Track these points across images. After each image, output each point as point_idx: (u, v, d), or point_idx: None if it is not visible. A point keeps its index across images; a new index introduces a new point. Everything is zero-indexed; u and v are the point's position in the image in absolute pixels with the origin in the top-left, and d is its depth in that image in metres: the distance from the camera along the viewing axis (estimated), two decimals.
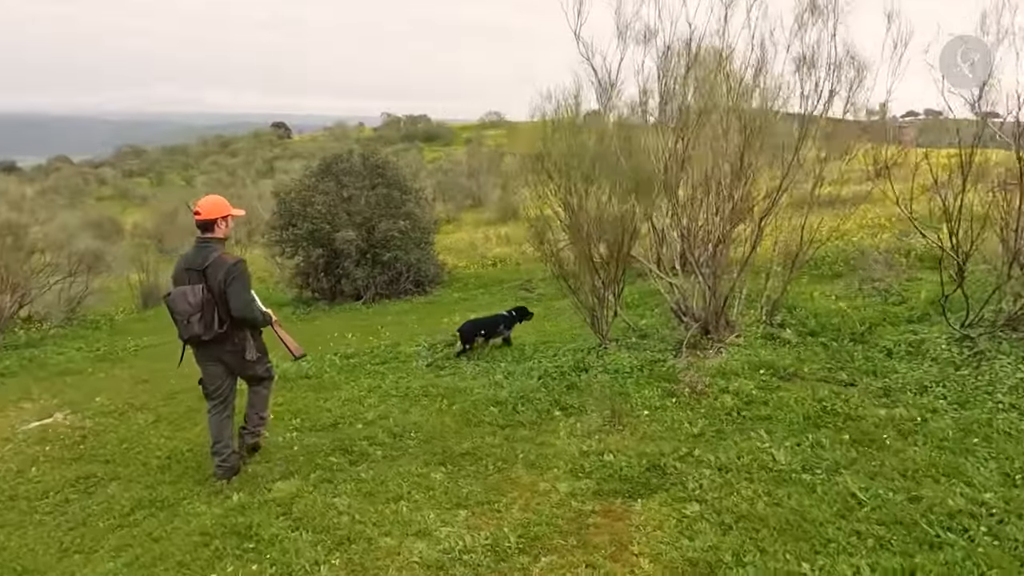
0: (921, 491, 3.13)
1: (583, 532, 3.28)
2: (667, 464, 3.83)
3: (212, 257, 4.25)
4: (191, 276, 4.27)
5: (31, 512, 4.35)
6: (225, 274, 4.20)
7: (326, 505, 3.81)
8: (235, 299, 4.22)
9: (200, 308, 4.17)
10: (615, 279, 5.89)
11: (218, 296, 4.22)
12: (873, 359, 5.10)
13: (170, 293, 4.28)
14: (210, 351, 4.38)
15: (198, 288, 4.19)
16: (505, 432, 4.71)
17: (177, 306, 4.20)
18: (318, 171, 12.00)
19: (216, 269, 4.22)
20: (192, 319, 4.18)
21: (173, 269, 4.50)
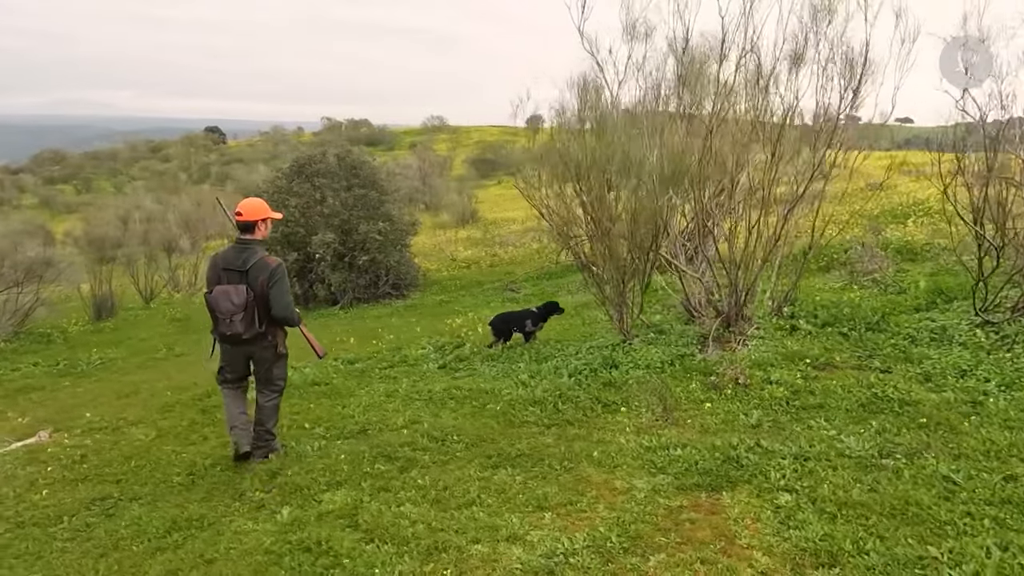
0: (1015, 470, 3.19)
1: (682, 528, 3.19)
2: (740, 456, 3.79)
3: (254, 259, 4.34)
4: (231, 276, 4.35)
5: (49, 540, 3.96)
6: (269, 276, 4.33)
7: (394, 515, 3.60)
8: (277, 301, 4.35)
9: (243, 308, 4.27)
10: (642, 275, 5.85)
11: (260, 297, 4.31)
12: (899, 346, 5.22)
13: (211, 292, 4.36)
14: (243, 348, 4.48)
15: (242, 288, 4.28)
16: (553, 431, 4.60)
17: (220, 305, 4.30)
18: (290, 172, 11.57)
19: (259, 271, 4.32)
20: (234, 318, 4.28)
21: (208, 268, 4.56)
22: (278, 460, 4.64)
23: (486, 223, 23.49)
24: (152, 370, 8.74)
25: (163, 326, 12.21)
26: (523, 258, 14.87)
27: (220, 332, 4.40)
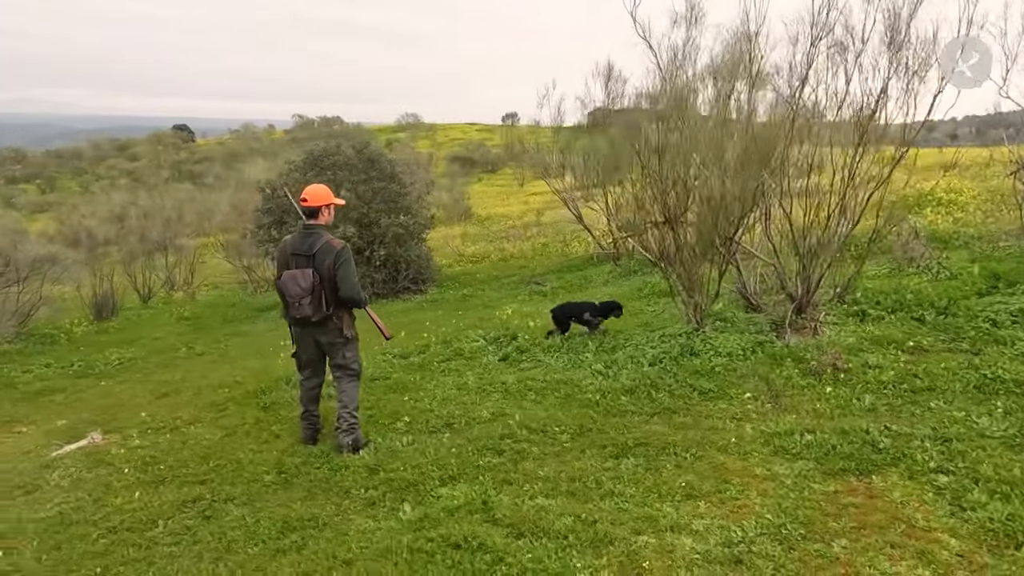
0: None
1: (850, 513, 3.11)
2: (876, 439, 3.73)
3: (320, 243, 4.46)
4: (298, 261, 4.49)
5: (150, 544, 3.72)
6: (335, 258, 4.44)
7: (533, 508, 3.45)
8: (344, 281, 4.46)
9: (311, 291, 4.40)
10: (723, 263, 5.77)
11: (326, 279, 4.43)
12: (982, 329, 5.23)
13: (280, 276, 4.52)
14: (312, 331, 4.61)
15: (308, 272, 4.41)
16: (658, 420, 4.49)
17: (288, 289, 4.43)
18: (304, 164, 11.26)
19: (325, 254, 4.43)
20: (303, 302, 4.41)
21: (277, 254, 4.76)
22: (371, 456, 4.46)
23: (480, 219, 23.35)
24: (178, 369, 8.41)
25: (172, 325, 11.81)
26: (532, 252, 14.75)
27: (291, 316, 4.55)
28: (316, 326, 4.56)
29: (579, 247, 13.39)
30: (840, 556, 2.80)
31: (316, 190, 4.65)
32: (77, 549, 3.74)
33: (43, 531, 4.04)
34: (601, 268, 10.93)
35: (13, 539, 3.99)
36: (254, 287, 14.25)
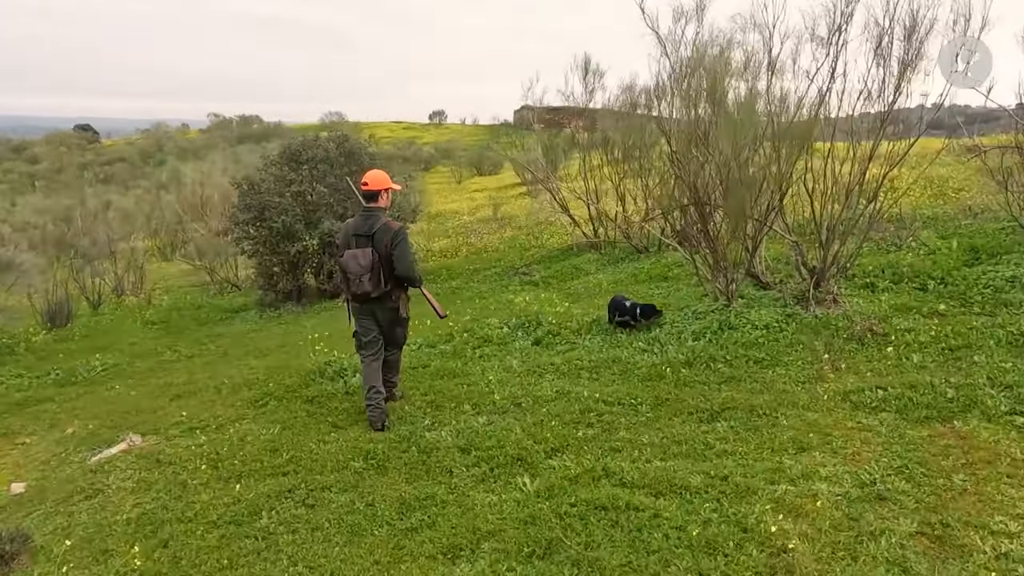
0: None
1: (954, 452, 3.45)
2: (942, 390, 4.12)
3: (378, 224, 4.78)
4: (359, 241, 4.79)
5: (265, 535, 3.67)
6: (392, 238, 4.75)
7: (658, 469, 3.63)
8: (400, 260, 4.76)
9: (370, 269, 4.70)
10: (756, 242, 6.09)
11: (384, 258, 4.72)
12: (985, 294, 5.77)
13: (342, 255, 4.80)
14: (371, 307, 4.90)
15: (368, 251, 4.72)
16: (727, 388, 4.75)
17: (350, 267, 4.74)
18: (282, 159, 10.97)
19: (383, 234, 4.75)
20: (363, 278, 4.71)
21: (340, 235, 5.05)
22: (453, 438, 4.51)
23: (431, 216, 23.24)
24: (175, 372, 8.06)
25: (141, 330, 11.24)
26: (503, 245, 14.87)
27: (352, 292, 4.82)
28: (375, 302, 4.85)
29: (551, 238, 13.61)
30: (967, 487, 3.12)
31: (376, 175, 4.96)
32: (188, 545, 3.64)
33: (134, 532, 3.90)
34: (584, 257, 11.18)
35: (105, 542, 3.83)
36: (217, 288, 13.72)
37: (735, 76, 5.84)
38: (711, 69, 5.72)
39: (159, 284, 16.05)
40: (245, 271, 14.72)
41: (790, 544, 2.79)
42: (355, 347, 5.11)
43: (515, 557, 3.11)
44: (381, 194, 4.90)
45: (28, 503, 4.65)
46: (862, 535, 2.82)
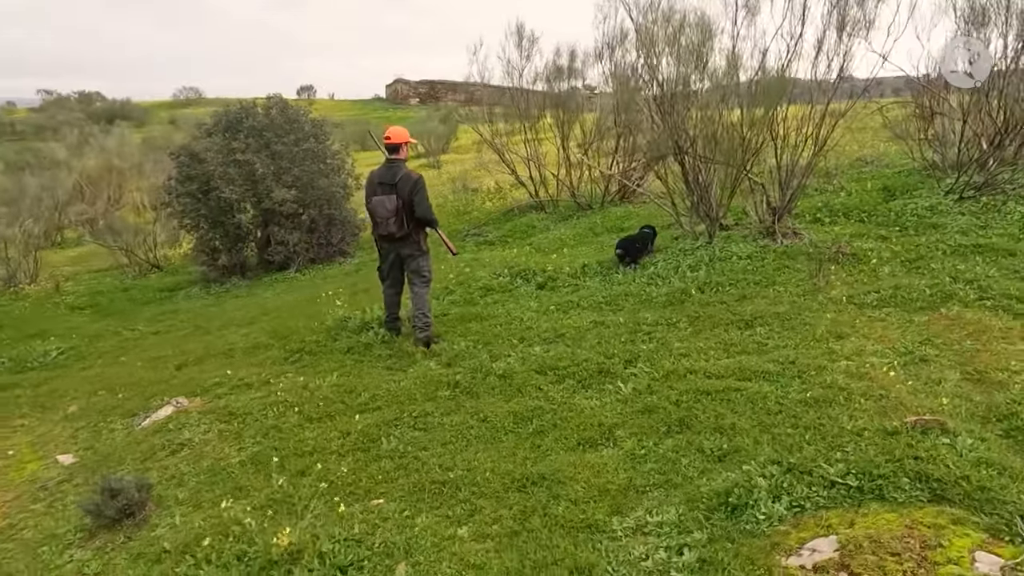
0: None
1: (955, 328, 4.40)
2: (921, 288, 5.11)
3: (400, 173, 5.43)
4: (384, 189, 5.43)
5: (396, 455, 3.97)
6: (412, 186, 5.39)
7: (732, 364, 4.31)
8: (419, 205, 5.42)
9: (395, 212, 5.37)
10: (736, 185, 6.91)
11: (407, 203, 5.38)
12: (913, 221, 6.96)
13: (369, 201, 5.48)
14: (395, 246, 5.61)
15: (392, 198, 5.37)
16: (746, 303, 5.52)
17: (378, 212, 5.42)
18: (222, 128, 10.56)
19: (405, 183, 5.40)
20: (389, 221, 5.40)
21: (365, 184, 5.70)
22: (521, 365, 4.96)
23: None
24: (152, 347, 7.76)
25: (71, 315, 10.48)
26: None
27: (379, 233, 5.54)
28: (399, 241, 5.54)
29: (485, 203, 14.02)
30: (978, 348, 4.06)
31: (398, 130, 5.63)
32: (328, 471, 3.87)
33: (258, 470, 4.05)
34: (530, 217, 11.68)
35: (231, 482, 3.96)
36: (137, 270, 12.90)
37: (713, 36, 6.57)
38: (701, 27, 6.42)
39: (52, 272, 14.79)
40: (165, 251, 13.95)
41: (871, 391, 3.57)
42: (379, 279, 5.95)
43: (653, 436, 3.67)
44: (402, 147, 5.53)
45: (100, 467, 4.57)
46: (929, 381, 3.65)
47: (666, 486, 3.18)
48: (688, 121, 6.84)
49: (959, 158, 7.57)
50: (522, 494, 3.34)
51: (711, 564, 2.54)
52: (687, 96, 6.86)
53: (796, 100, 6.96)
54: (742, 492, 2.87)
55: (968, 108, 7.37)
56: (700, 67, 6.51)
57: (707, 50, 6.50)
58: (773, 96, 6.43)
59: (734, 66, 6.47)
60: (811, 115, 6.80)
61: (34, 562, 3.57)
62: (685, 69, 6.66)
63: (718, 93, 6.49)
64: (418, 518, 3.27)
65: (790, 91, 6.57)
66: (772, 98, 6.44)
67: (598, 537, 2.90)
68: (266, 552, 3.04)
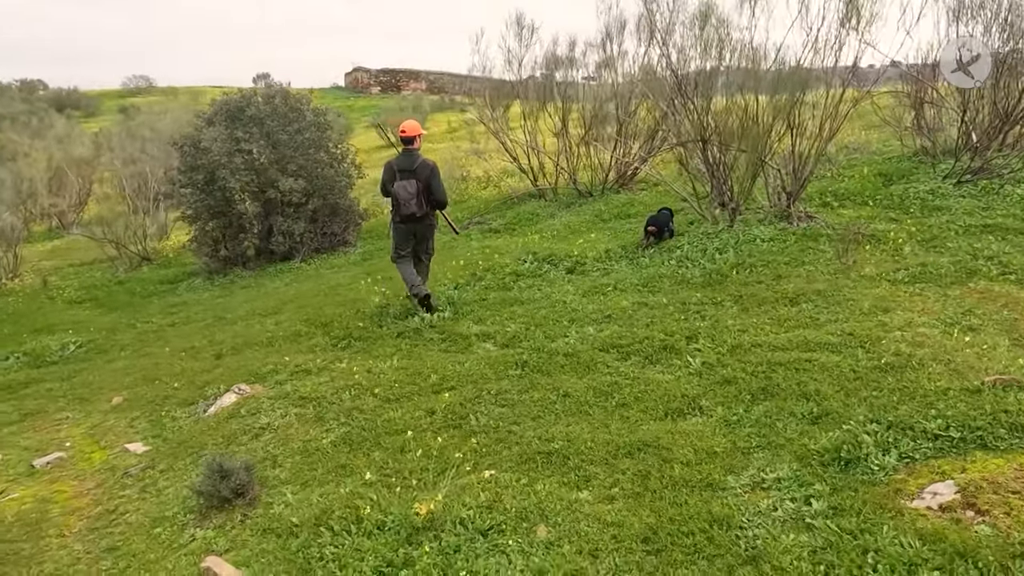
0: None
1: (988, 298, 4.79)
2: (944, 267, 5.51)
3: (418, 161, 6.20)
4: (403, 175, 6.17)
5: (488, 430, 4.16)
6: (430, 172, 6.18)
7: (797, 336, 4.61)
8: (436, 188, 6.22)
9: (416, 195, 6.12)
10: (756, 171, 7.23)
11: (424, 187, 6.13)
12: (917, 205, 7.43)
13: (393, 186, 6.18)
14: (413, 225, 6.33)
15: (412, 182, 6.12)
16: (784, 282, 5.84)
17: (400, 195, 6.14)
18: (218, 117, 10.45)
19: (423, 169, 6.17)
20: (411, 203, 6.13)
21: (384, 171, 6.38)
22: (581, 343, 5.19)
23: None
24: (176, 339, 7.72)
25: (73, 309, 10.28)
26: None
27: (401, 214, 6.23)
28: (417, 221, 6.28)
29: (482, 191, 14.15)
30: (1015, 317, 4.45)
31: (411, 124, 6.37)
32: (426, 445, 4.03)
33: (353, 449, 4.20)
34: (531, 204, 11.88)
35: (330, 460, 4.09)
36: (128, 263, 12.64)
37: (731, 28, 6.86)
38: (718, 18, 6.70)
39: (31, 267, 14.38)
40: (154, 243, 13.68)
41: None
42: (391, 257, 6.57)
43: (740, 404, 3.94)
44: (416, 139, 6.25)
45: (179, 453, 4.63)
46: (985, 346, 4.01)
47: (769, 447, 3.46)
48: (710, 111, 7.12)
49: (957, 144, 8.06)
50: (631, 460, 3.57)
51: (842, 510, 2.81)
52: (709, 86, 7.15)
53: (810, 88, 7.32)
54: (851, 447, 3.16)
55: (968, 98, 7.85)
56: (722, 57, 6.79)
57: (728, 41, 6.77)
58: (794, 86, 6.76)
59: (754, 58, 6.77)
60: (826, 103, 7.18)
61: (153, 543, 3.65)
62: (705, 60, 6.93)
63: (740, 82, 6.79)
64: (536, 485, 3.47)
65: (809, 81, 6.91)
66: (793, 88, 6.77)
67: (721, 494, 3.16)
68: (406, 520, 3.20)
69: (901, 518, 2.68)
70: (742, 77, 6.81)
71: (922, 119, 9.04)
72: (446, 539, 3.07)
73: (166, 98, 52.86)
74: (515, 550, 2.97)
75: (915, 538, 2.54)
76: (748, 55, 6.84)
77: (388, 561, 2.97)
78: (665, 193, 10.56)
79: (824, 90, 7.19)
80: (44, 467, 4.92)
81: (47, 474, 4.81)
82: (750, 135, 6.81)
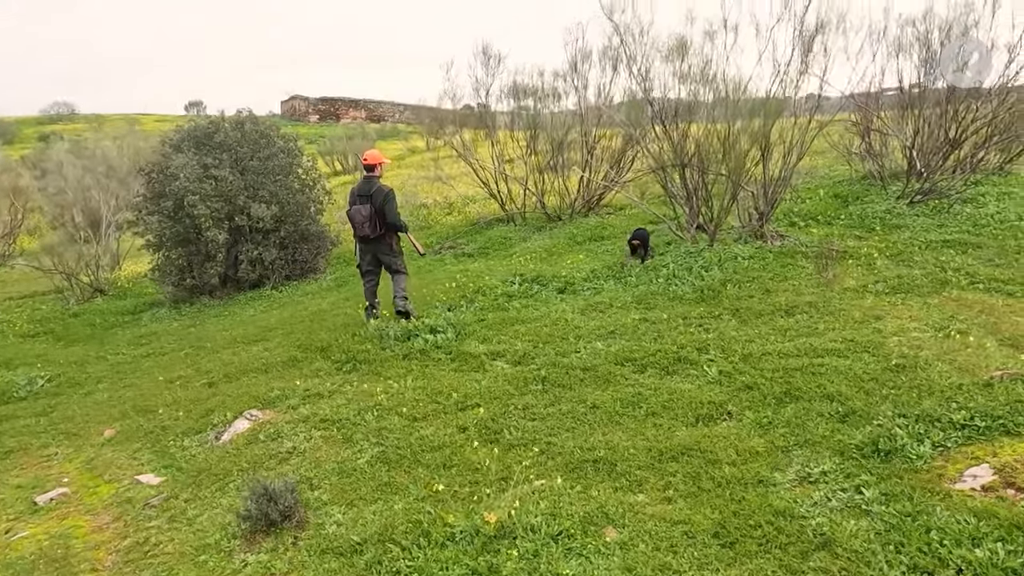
0: None
1: (966, 306, 5.24)
2: (917, 278, 5.99)
3: (374, 187, 6.69)
4: (361, 200, 6.69)
5: (526, 443, 4.26)
6: (383, 198, 6.63)
7: (803, 344, 4.92)
8: (389, 213, 6.65)
9: (369, 219, 6.62)
10: (735, 193, 7.64)
11: (378, 211, 6.62)
12: (879, 223, 8.01)
13: (350, 209, 6.72)
14: (371, 246, 6.84)
15: (367, 206, 6.63)
16: (775, 295, 6.20)
17: (355, 218, 6.67)
18: (184, 143, 10.25)
19: (378, 195, 6.64)
20: (364, 225, 6.64)
21: (349, 197, 6.90)
22: (593, 358, 5.37)
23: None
24: (154, 370, 7.45)
25: (28, 343, 9.72)
26: None
27: (358, 235, 6.79)
28: (373, 242, 6.77)
29: (445, 217, 14.25)
30: (992, 319, 4.89)
31: (373, 153, 6.92)
32: (468, 458, 4.09)
33: (391, 467, 4.20)
34: (501, 229, 12.05)
35: (376, 479, 4.09)
36: (79, 295, 12.07)
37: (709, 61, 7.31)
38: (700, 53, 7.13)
39: None
40: (108, 274, 13.11)
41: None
42: (360, 273, 7.09)
43: (767, 408, 4.19)
44: (376, 167, 6.79)
45: (201, 481, 4.52)
46: (978, 347, 4.40)
47: (806, 445, 3.69)
48: (689, 137, 7.53)
49: (909, 168, 8.75)
50: (677, 463, 3.74)
51: (894, 496, 3.06)
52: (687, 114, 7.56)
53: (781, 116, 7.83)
54: (886, 440, 3.43)
55: (919, 127, 8.56)
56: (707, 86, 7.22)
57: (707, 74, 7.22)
58: (768, 114, 7.24)
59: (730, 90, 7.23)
60: (793, 130, 7.70)
61: (202, 571, 3.56)
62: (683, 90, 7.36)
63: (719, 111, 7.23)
64: (591, 491, 3.60)
65: (782, 111, 7.41)
66: (767, 116, 7.25)
67: (773, 489, 3.36)
68: (475, 530, 3.26)
69: (950, 499, 2.94)
70: (721, 106, 7.24)
71: (871, 145, 9.75)
72: (522, 545, 3.14)
73: (90, 125, 50.94)
74: (592, 552, 3.08)
75: (969, 515, 2.80)
76: (725, 86, 7.28)
77: (472, 569, 3.02)
78: (634, 216, 10.97)
79: (792, 118, 7.72)
80: (48, 503, 4.69)
81: (53, 510, 4.59)
82: (731, 159, 7.22)
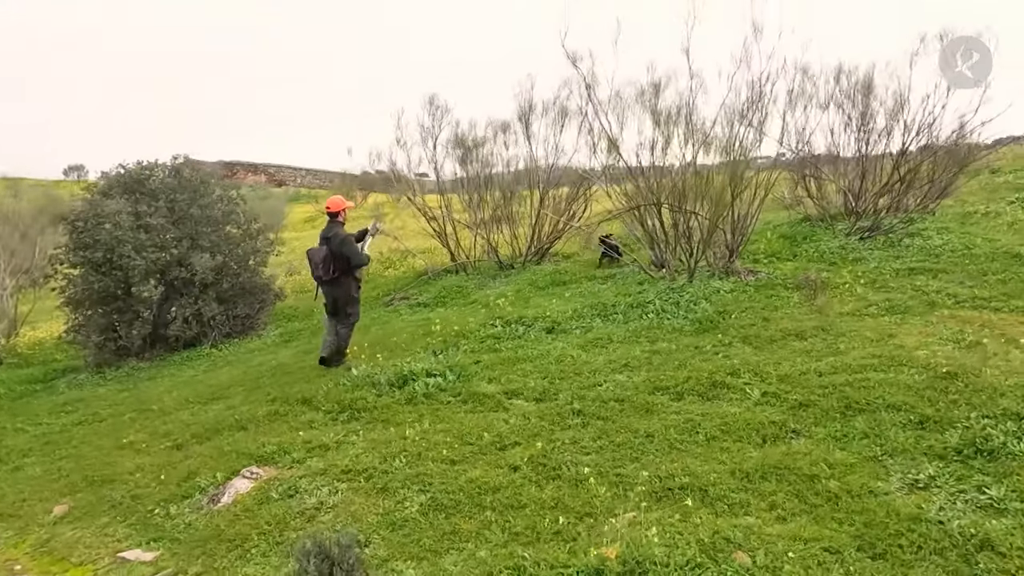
0: None
1: (968, 324, 5.48)
2: (904, 300, 6.26)
3: (334, 231, 6.95)
4: (321, 242, 6.98)
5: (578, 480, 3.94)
6: (340, 241, 6.88)
7: (827, 364, 4.93)
8: (348, 254, 6.87)
9: (323, 261, 6.88)
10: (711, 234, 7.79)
11: (335, 254, 6.85)
12: (837, 258, 8.41)
13: (310, 251, 7.09)
14: (328, 287, 7.05)
15: (323, 249, 6.91)
16: (776, 322, 6.25)
17: (313, 259, 6.99)
18: (122, 191, 9.38)
19: (335, 239, 6.90)
20: (319, 266, 6.90)
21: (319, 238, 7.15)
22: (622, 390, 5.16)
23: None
24: (91, 440, 6.47)
25: None
26: None
27: (315, 276, 7.05)
28: (330, 284, 6.98)
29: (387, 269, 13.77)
30: (1000, 333, 5.12)
31: (335, 200, 7.18)
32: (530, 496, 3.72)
33: (450, 514, 3.76)
34: (452, 279, 11.66)
35: (433, 528, 3.62)
36: None
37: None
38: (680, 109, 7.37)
39: None
40: (3, 340, 11.54)
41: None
42: (325, 313, 7.28)
43: (833, 423, 4.10)
44: (339, 213, 7.03)
45: (208, 550, 3.84)
46: (1005, 355, 4.55)
47: (896, 453, 3.61)
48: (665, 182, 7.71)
49: (855, 209, 9.33)
50: (770, 483, 3.55)
51: (1020, 491, 2.99)
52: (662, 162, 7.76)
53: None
54: (982, 440, 3.40)
55: (862, 171, 9.20)
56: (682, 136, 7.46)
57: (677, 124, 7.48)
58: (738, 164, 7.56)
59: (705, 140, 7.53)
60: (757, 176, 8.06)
61: None
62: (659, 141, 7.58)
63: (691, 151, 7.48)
64: (692, 519, 3.32)
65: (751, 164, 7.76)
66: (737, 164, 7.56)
67: (887, 498, 3.22)
68: (598, 570, 2.89)
69: None
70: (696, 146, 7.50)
71: (811, 191, 10.37)
72: None
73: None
74: None
75: None
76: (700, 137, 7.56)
77: None
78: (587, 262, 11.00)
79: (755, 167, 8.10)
80: None
81: None
82: (711, 199, 7.41)
